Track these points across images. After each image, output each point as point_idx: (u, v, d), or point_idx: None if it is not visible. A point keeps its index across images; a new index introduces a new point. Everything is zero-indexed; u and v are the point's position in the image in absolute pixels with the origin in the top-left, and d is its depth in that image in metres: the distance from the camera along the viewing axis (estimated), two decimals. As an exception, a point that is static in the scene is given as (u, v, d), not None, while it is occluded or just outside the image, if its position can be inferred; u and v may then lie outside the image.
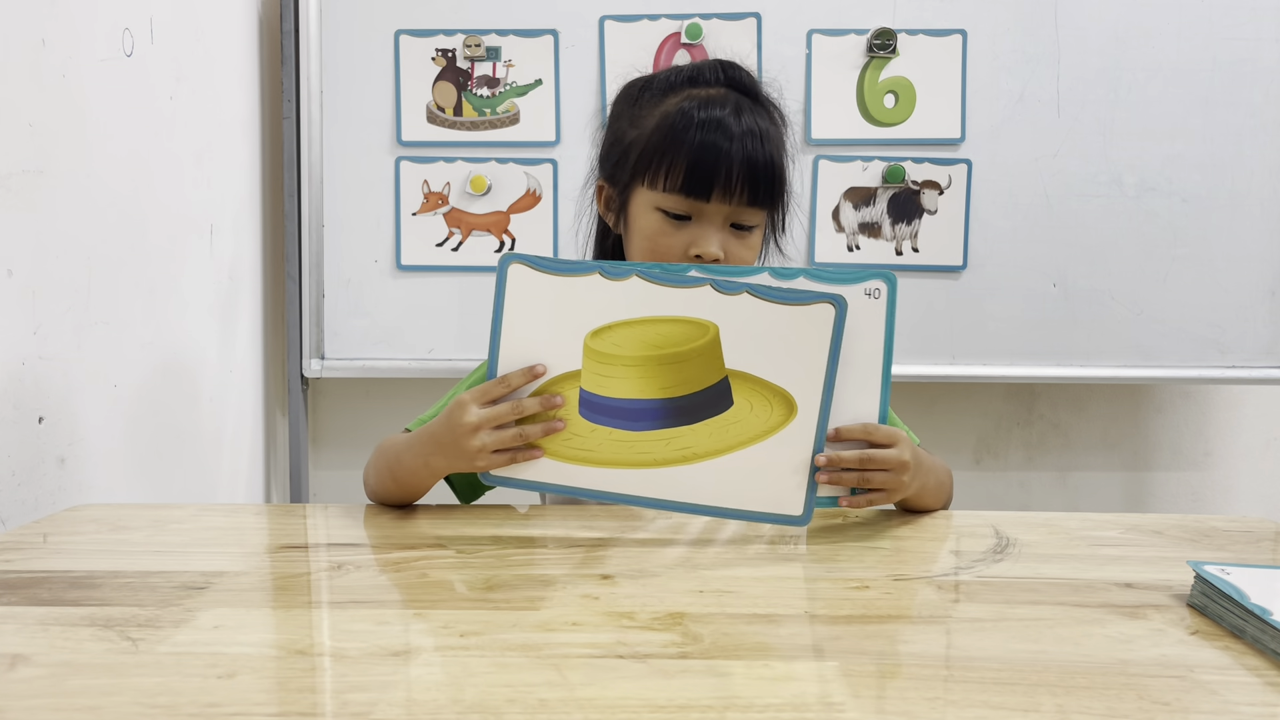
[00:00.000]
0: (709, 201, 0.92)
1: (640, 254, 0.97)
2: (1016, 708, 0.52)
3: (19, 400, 1.00)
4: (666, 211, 0.94)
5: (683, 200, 0.93)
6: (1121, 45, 1.64)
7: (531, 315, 0.80)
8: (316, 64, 1.66)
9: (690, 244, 0.93)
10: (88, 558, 0.79)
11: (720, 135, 0.91)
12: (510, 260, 0.78)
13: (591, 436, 0.81)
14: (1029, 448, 1.90)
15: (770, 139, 0.94)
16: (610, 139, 1.01)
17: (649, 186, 0.94)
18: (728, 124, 0.92)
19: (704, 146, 0.91)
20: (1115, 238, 1.67)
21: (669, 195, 0.93)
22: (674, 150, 0.92)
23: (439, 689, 0.54)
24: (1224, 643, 0.62)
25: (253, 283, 1.64)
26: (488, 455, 0.81)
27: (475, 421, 0.81)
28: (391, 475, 0.92)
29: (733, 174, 0.91)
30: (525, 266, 0.78)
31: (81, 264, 1.11)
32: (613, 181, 1.00)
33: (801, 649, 0.60)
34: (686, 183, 0.92)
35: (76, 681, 0.55)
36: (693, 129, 0.92)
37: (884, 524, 0.91)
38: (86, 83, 1.12)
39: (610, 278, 0.79)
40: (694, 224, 0.94)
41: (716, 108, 0.93)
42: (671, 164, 0.92)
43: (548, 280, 0.79)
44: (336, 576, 0.74)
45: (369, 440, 1.84)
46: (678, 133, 0.92)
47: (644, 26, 1.66)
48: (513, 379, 0.81)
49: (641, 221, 0.96)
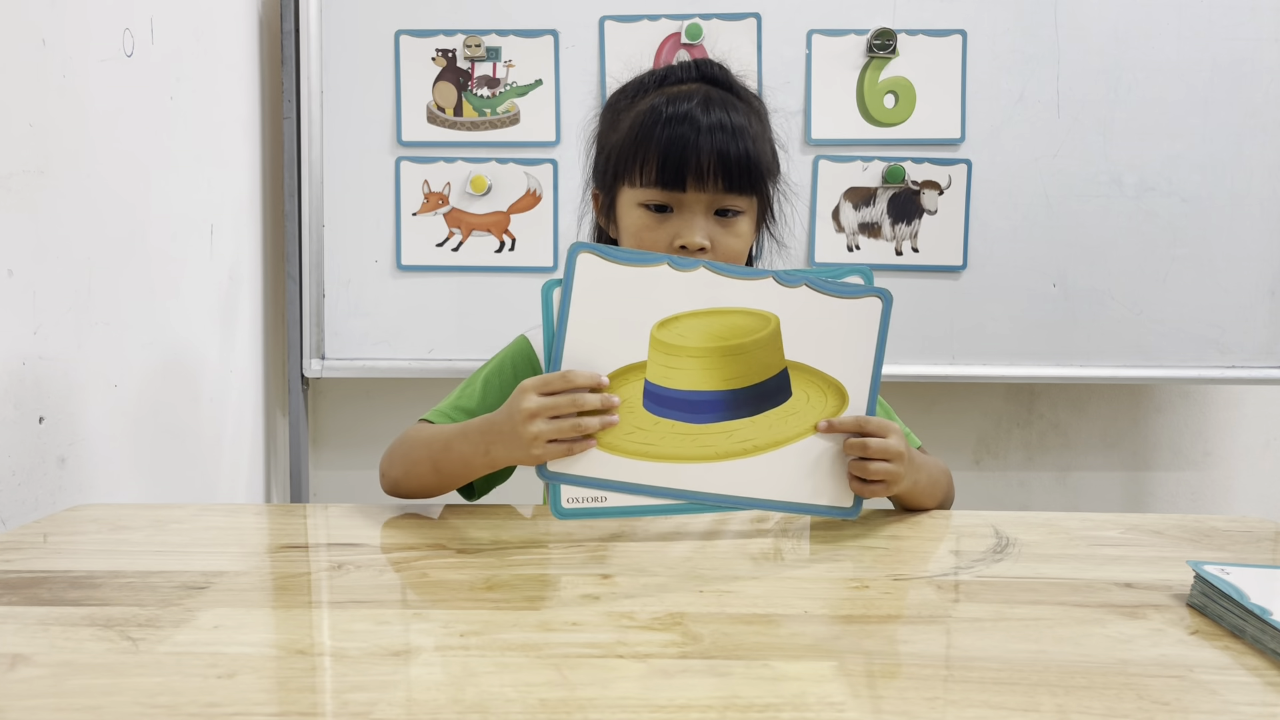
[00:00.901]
0: (685, 191, 0.94)
1: None
2: (1016, 708, 0.52)
3: (19, 400, 1.00)
4: (648, 206, 0.96)
5: (660, 193, 0.95)
6: (1121, 45, 1.64)
7: (599, 304, 0.79)
8: (316, 64, 1.66)
9: (674, 235, 0.95)
10: (88, 558, 0.79)
11: (688, 126, 0.93)
12: (580, 249, 0.77)
13: (654, 430, 0.81)
14: (1029, 448, 1.90)
15: (742, 126, 0.95)
16: (597, 147, 1.04)
17: (629, 185, 0.97)
18: (695, 114, 0.94)
19: (673, 138, 0.93)
20: (1115, 238, 1.67)
21: (647, 189, 0.95)
22: (646, 145, 0.94)
23: (439, 689, 0.54)
24: (1224, 643, 0.62)
25: (253, 283, 1.64)
26: (542, 444, 0.80)
27: (533, 408, 0.80)
28: (434, 465, 0.92)
29: (703, 162, 0.93)
30: (595, 256, 0.78)
31: (81, 264, 1.11)
32: (602, 187, 1.03)
33: (801, 649, 0.60)
34: (661, 174, 0.94)
35: (76, 681, 0.55)
36: (662, 123, 0.94)
37: (884, 524, 0.91)
38: (87, 83, 1.12)
39: (678, 269, 0.79)
40: (676, 215, 0.95)
41: (684, 101, 0.95)
42: (645, 158, 0.94)
43: (617, 270, 0.78)
44: (336, 576, 0.74)
45: (369, 440, 1.85)
46: (649, 128, 0.95)
47: (644, 27, 1.66)
48: (577, 378, 0.79)
49: (627, 220, 0.98)
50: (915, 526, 0.90)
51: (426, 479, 0.94)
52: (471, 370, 1.06)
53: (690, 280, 0.80)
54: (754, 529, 0.88)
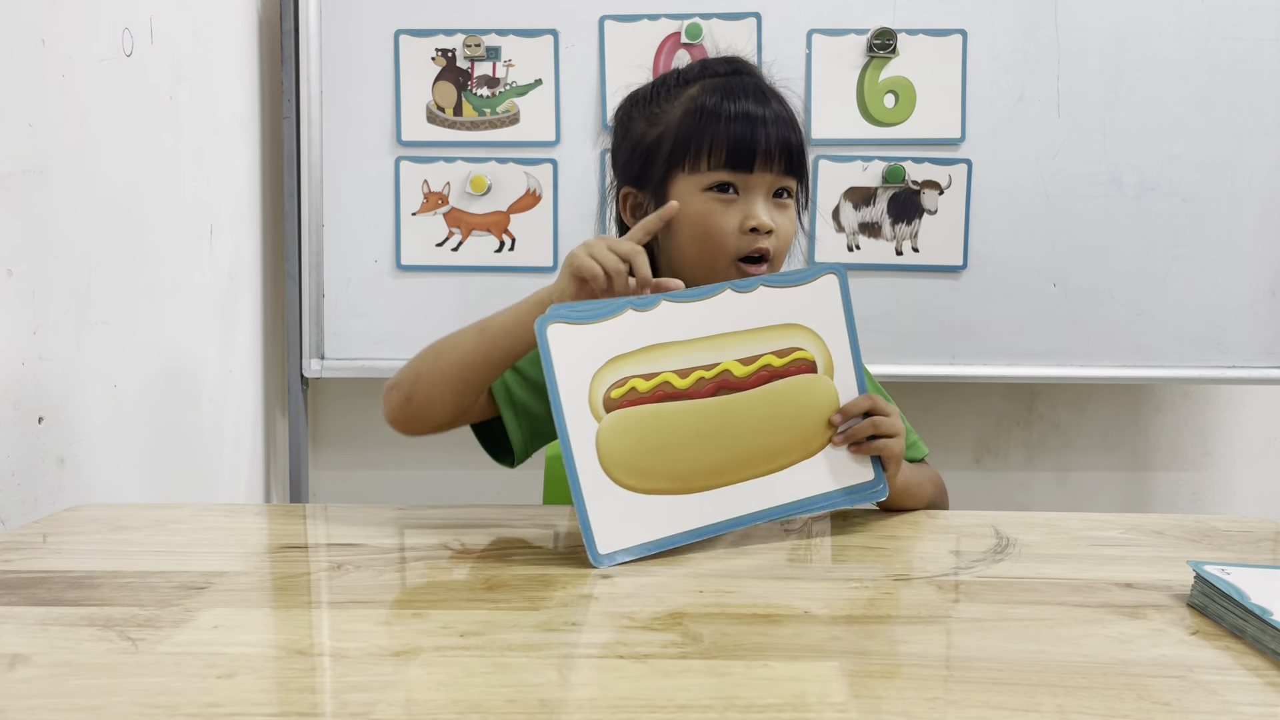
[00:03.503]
0: (753, 172, 0.94)
1: (693, 241, 0.96)
2: (1016, 708, 0.52)
3: (19, 400, 1.00)
4: (713, 189, 0.94)
5: (730, 174, 0.94)
6: (1121, 45, 1.64)
7: (580, 364, 0.80)
8: (316, 64, 1.66)
9: (743, 218, 0.94)
10: (88, 558, 0.79)
11: (753, 107, 0.94)
12: (546, 323, 0.78)
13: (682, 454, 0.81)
14: (1029, 448, 1.90)
15: (793, 112, 0.98)
16: (628, 146, 1.01)
17: (689, 171, 0.95)
18: (756, 99, 0.95)
19: (741, 120, 0.94)
20: (1115, 238, 1.67)
21: (714, 173, 0.94)
22: (712, 129, 0.94)
23: (439, 689, 0.54)
24: (1224, 643, 0.62)
25: (253, 283, 1.64)
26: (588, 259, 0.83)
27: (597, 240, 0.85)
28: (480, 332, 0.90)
29: (771, 142, 0.94)
30: (562, 325, 0.79)
31: (81, 264, 1.11)
32: (640, 184, 0.99)
33: (801, 649, 0.60)
34: (731, 156, 0.93)
35: (76, 681, 0.55)
36: (725, 106, 0.94)
37: (884, 524, 0.91)
38: (86, 82, 1.12)
39: (641, 309, 0.81)
40: (741, 199, 0.95)
41: (739, 88, 0.96)
42: (713, 142, 0.94)
43: (585, 330, 0.79)
44: (336, 576, 0.74)
45: (369, 440, 1.85)
46: (711, 112, 0.94)
47: (644, 26, 1.66)
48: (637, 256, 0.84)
49: (690, 209, 0.95)
50: (915, 527, 0.90)
51: (462, 356, 0.90)
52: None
53: (657, 316, 0.81)
54: (753, 529, 0.88)
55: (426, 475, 1.85)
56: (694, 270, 0.95)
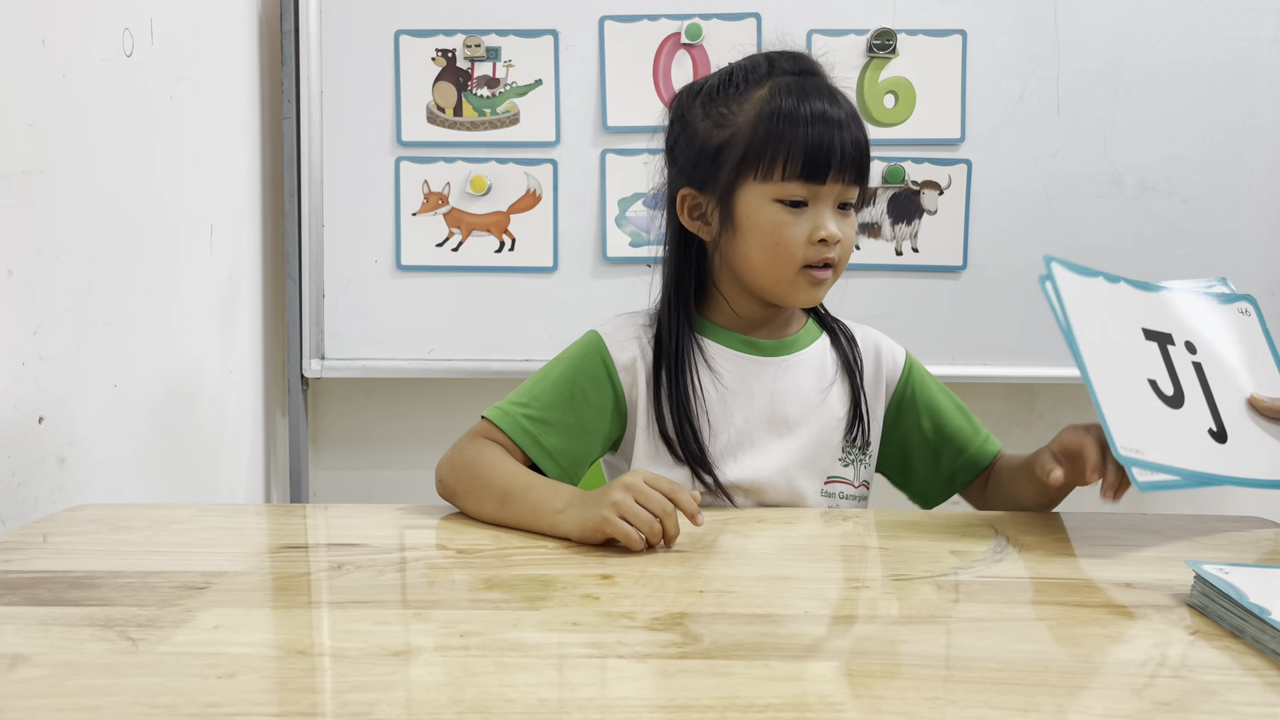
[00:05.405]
0: (824, 184, 0.92)
1: (760, 250, 0.94)
2: (1016, 708, 0.52)
3: (19, 400, 1.00)
4: (785, 201, 0.93)
5: (801, 186, 0.92)
6: (1121, 45, 1.64)
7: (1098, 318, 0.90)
8: (316, 64, 1.66)
9: (813, 229, 0.92)
10: (88, 558, 0.79)
11: (829, 116, 0.92)
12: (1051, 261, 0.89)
13: None
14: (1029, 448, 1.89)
15: (860, 118, 0.95)
16: (692, 147, 0.98)
17: (761, 180, 0.93)
18: (828, 107, 0.92)
19: (817, 130, 0.91)
20: (1115, 238, 1.67)
21: (787, 183, 0.92)
22: (788, 137, 0.91)
23: (439, 689, 0.54)
24: (1224, 643, 0.62)
25: (253, 283, 1.64)
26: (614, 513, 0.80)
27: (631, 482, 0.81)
28: (502, 500, 0.89)
29: (845, 154, 0.92)
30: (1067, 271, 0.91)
31: (81, 264, 1.11)
32: (704, 188, 0.97)
33: (801, 649, 0.60)
34: (805, 168, 0.91)
35: (76, 681, 0.55)
36: (800, 114, 0.92)
37: (884, 524, 0.91)
38: (86, 83, 1.12)
39: None
40: (810, 209, 0.93)
41: (813, 92, 0.93)
42: (789, 152, 0.91)
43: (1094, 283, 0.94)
44: (336, 576, 0.74)
45: (369, 440, 1.85)
46: (785, 120, 0.92)
47: (644, 27, 1.66)
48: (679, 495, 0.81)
49: (759, 217, 0.93)
50: (915, 526, 0.90)
51: (486, 508, 0.90)
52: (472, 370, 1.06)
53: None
54: (753, 528, 0.88)
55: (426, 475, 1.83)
56: (760, 278, 0.95)
